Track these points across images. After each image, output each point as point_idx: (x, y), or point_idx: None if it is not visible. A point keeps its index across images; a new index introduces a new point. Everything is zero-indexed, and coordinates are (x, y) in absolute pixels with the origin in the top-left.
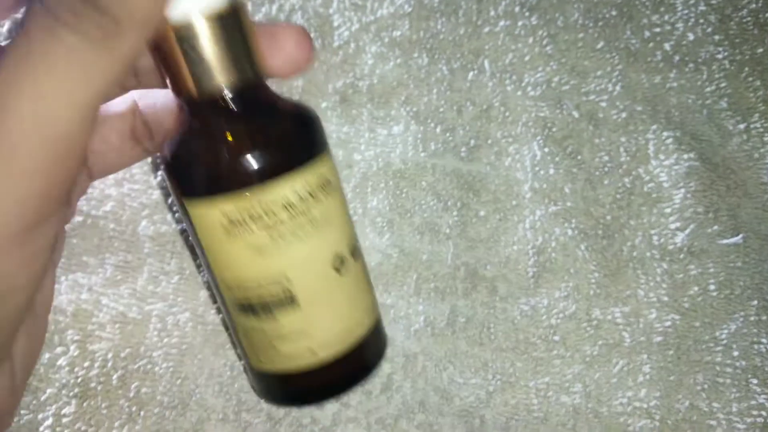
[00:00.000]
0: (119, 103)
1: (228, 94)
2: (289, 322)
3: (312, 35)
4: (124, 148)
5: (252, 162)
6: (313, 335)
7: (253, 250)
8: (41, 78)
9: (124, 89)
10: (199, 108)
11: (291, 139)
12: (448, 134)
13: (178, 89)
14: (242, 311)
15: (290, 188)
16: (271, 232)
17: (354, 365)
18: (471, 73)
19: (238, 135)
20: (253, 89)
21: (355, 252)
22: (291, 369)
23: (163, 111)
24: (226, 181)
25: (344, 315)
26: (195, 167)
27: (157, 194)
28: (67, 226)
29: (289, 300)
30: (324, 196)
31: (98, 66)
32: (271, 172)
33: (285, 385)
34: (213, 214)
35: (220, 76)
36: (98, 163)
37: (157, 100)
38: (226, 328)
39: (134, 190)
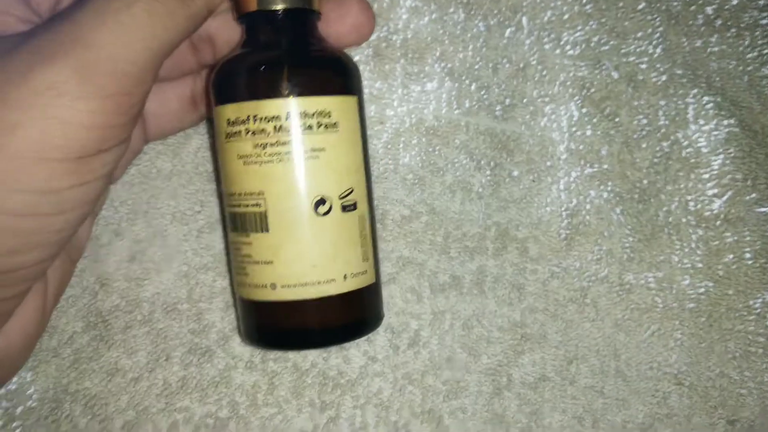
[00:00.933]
0: (181, 69)
1: (280, 13)
2: (259, 245)
3: None
4: (183, 112)
5: (257, 75)
6: (276, 267)
7: (240, 158)
8: (125, 19)
9: (199, 62)
10: (249, 25)
11: (307, 67)
12: (482, 92)
13: (240, 7)
14: (231, 225)
15: (284, 109)
16: (256, 143)
17: (313, 321)
18: (508, 30)
19: (263, 50)
20: (300, 21)
21: (349, 206)
22: (254, 299)
23: None
24: (238, 90)
25: (313, 261)
26: (225, 78)
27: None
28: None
29: (261, 220)
30: (323, 133)
31: (172, 19)
32: (272, 90)
33: (249, 318)
34: (221, 118)
35: None
36: (155, 125)
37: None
38: None
39: None
